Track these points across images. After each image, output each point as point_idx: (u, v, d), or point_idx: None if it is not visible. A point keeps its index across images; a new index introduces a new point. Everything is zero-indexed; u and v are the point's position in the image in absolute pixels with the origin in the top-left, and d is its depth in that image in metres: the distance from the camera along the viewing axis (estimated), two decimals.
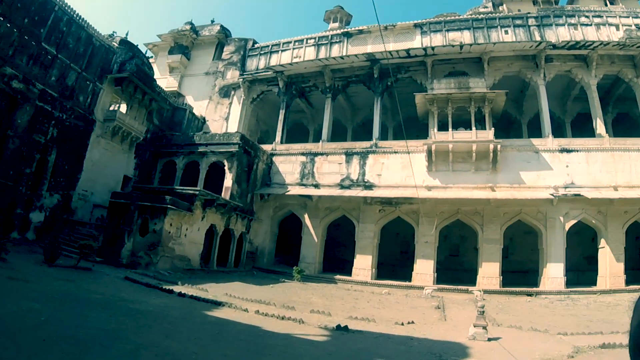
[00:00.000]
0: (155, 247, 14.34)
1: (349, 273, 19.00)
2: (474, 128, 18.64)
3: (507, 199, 17.73)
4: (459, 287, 17.54)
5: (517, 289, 17.42)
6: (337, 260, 21.78)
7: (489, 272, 17.87)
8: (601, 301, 16.06)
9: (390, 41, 21.88)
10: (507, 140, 19.26)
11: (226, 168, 18.75)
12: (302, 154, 20.96)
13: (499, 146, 18.32)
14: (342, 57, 20.71)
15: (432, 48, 20.25)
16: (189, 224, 15.94)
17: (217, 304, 9.54)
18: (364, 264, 18.95)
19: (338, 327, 8.12)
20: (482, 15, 22.30)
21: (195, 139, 19.69)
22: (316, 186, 20.22)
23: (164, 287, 10.76)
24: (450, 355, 6.86)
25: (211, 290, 11.56)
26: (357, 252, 19.24)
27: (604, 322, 10.62)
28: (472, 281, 18.55)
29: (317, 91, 22.85)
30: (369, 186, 19.57)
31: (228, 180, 18.64)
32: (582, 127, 21.89)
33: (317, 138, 22.10)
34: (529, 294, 17.21)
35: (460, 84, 19.23)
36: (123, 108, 18.63)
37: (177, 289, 10.80)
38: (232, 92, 24.20)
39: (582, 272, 19.28)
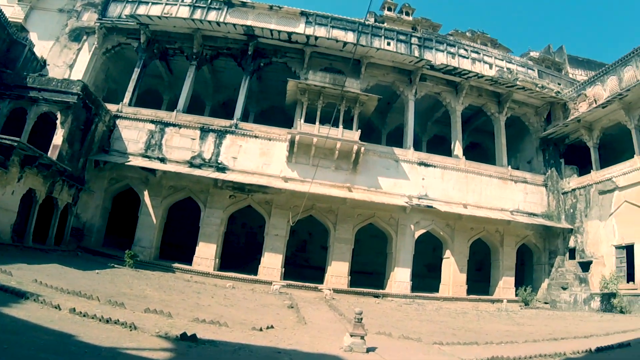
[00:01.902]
0: None
1: (189, 262, 18.54)
2: (341, 126, 20.00)
3: (363, 200, 19.33)
4: (308, 284, 18.51)
5: (365, 290, 19.07)
6: (177, 247, 21.15)
7: (339, 271, 19.24)
8: (447, 308, 18.14)
9: (273, 23, 22.65)
10: (370, 144, 21.06)
11: (58, 122, 16.94)
12: (152, 121, 20.17)
13: (362, 148, 19.93)
14: (218, 24, 20.69)
15: (316, 38, 21.40)
16: (1, 185, 14.10)
17: (20, 296, 7.78)
18: (207, 252, 18.71)
19: (183, 336, 6.63)
20: (369, 22, 24.46)
21: (28, 81, 17.58)
22: (162, 160, 19.58)
23: None
24: None
25: (18, 273, 9.90)
26: (200, 240, 18.92)
27: (467, 331, 11.63)
28: (318, 279, 19.65)
29: (182, 57, 22.38)
30: (222, 168, 19.60)
31: (58, 138, 16.86)
32: (436, 149, 24.85)
33: (170, 109, 21.50)
34: (376, 296, 19.00)
35: (336, 81, 20.57)
36: None
37: None
38: (85, 37, 22.42)
39: (422, 278, 21.73)
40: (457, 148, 23.03)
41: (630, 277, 19.18)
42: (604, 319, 15.77)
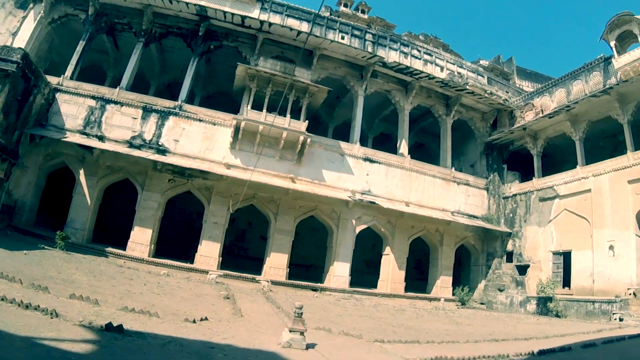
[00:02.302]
0: None
1: (124, 247, 18.35)
2: (288, 116, 20.25)
3: (306, 192, 19.72)
4: (245, 275, 18.74)
5: (304, 283, 19.52)
6: (112, 231, 20.79)
7: (277, 262, 19.53)
8: (385, 304, 18.71)
9: (227, 5, 22.62)
10: (317, 136, 21.48)
11: None
12: (93, 97, 19.78)
13: (308, 140, 20.28)
14: (170, 1, 20.40)
15: (270, 25, 21.47)
16: None
17: None
18: (142, 238, 18.56)
19: (109, 326, 6.20)
20: (324, 15, 24.83)
21: None
22: (101, 139, 19.27)
23: None
24: None
25: None
26: (136, 224, 18.73)
27: (407, 329, 11.85)
28: (256, 270, 19.89)
29: (130, 33, 22.03)
30: (162, 151, 19.51)
31: None
32: (382, 146, 25.79)
33: (114, 87, 21.11)
34: (315, 289, 19.46)
35: (286, 69, 20.81)
36: None
37: None
38: (31, 5, 21.64)
39: (361, 274, 22.44)
40: (403, 146, 23.80)
41: (566, 283, 20.52)
42: (541, 322, 16.69)
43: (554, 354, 8.83)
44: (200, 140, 19.93)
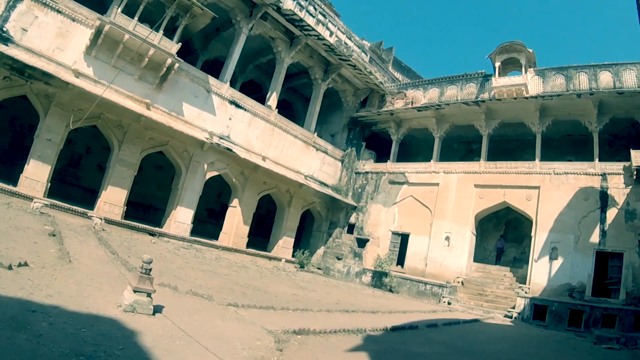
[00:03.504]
0: None
1: None
2: (161, 32, 19.01)
3: (161, 123, 18.78)
4: (76, 208, 17.14)
5: (141, 226, 18.75)
6: None
7: (114, 198, 18.36)
8: (227, 258, 19.26)
9: None
10: (186, 64, 20.58)
11: None
12: None
13: (176, 65, 19.30)
14: None
15: None
16: None
17: None
18: None
19: None
20: None
21: None
22: None
23: None
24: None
25: None
26: None
27: (256, 290, 11.89)
28: (88, 203, 18.70)
29: None
30: (5, 39, 17.00)
31: None
32: (249, 94, 25.25)
33: None
34: (152, 234, 18.87)
35: None
36: None
37: None
38: None
39: (202, 222, 22.83)
40: (273, 99, 24.36)
41: (401, 262, 23.82)
42: (378, 295, 19.01)
43: (404, 331, 10.17)
44: (52, 36, 17.75)
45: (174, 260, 13.86)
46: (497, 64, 22.52)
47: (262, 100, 24.78)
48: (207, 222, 23.91)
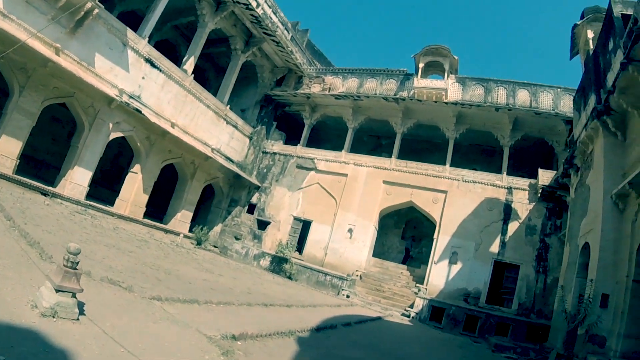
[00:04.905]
0: None
1: None
2: None
3: (71, 72, 17.00)
4: None
5: (34, 184, 17.28)
6: None
7: (8, 150, 16.64)
8: (124, 228, 18.47)
9: None
10: (106, 12, 19.20)
11: None
12: None
13: (96, 10, 17.89)
14: None
15: None
16: None
17: None
18: None
19: None
20: None
21: None
22: None
23: None
24: None
25: None
26: None
27: (167, 273, 11.25)
28: None
29: None
30: None
31: None
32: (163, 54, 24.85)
33: None
34: (45, 193, 17.53)
35: None
36: None
37: None
38: None
39: (96, 185, 21.56)
40: (190, 64, 23.54)
41: (300, 249, 24.41)
42: (281, 283, 19.39)
43: (327, 331, 10.53)
44: None
45: (74, 230, 12.97)
46: (421, 65, 24.09)
47: (175, 62, 23.85)
48: (101, 186, 22.62)
